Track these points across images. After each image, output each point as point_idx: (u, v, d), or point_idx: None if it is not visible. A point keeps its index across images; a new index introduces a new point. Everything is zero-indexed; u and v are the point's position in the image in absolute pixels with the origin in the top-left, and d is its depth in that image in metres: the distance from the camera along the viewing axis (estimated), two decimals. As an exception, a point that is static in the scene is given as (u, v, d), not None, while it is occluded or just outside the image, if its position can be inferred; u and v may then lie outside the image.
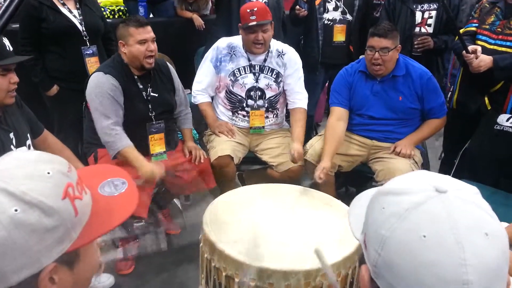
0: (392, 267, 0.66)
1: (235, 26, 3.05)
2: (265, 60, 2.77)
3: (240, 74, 2.77)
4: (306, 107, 2.84)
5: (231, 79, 2.77)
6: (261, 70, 2.78)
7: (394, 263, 0.66)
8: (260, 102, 2.81)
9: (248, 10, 2.64)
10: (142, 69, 2.42)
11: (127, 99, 2.38)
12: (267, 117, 2.85)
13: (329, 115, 2.77)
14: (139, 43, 2.33)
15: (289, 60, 2.80)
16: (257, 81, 2.78)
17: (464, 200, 0.67)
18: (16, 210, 0.63)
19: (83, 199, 0.72)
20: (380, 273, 0.69)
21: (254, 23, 2.60)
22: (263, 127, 2.84)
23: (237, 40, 2.79)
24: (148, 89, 2.47)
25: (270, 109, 2.85)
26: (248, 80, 2.77)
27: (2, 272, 0.62)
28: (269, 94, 2.81)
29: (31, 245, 0.63)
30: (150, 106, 2.47)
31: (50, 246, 0.65)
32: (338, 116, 2.71)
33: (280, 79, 2.81)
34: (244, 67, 2.77)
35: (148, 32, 2.35)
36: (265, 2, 3.26)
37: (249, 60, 2.76)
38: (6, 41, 1.81)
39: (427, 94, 2.62)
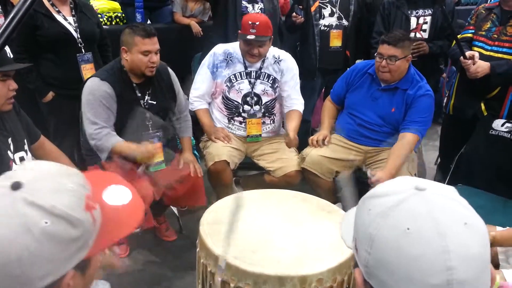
0: (382, 264, 0.70)
1: (231, 33, 3.06)
2: (261, 66, 2.77)
3: (236, 80, 2.77)
4: (302, 111, 2.85)
5: (227, 85, 2.77)
6: (258, 76, 2.78)
7: (383, 259, 0.70)
8: (256, 108, 2.81)
9: (250, 22, 2.61)
10: (142, 77, 2.39)
11: (123, 106, 2.35)
12: (264, 122, 2.85)
13: (325, 99, 2.99)
14: (143, 53, 2.29)
15: (286, 67, 2.81)
16: (253, 87, 2.78)
17: (442, 195, 0.72)
18: (46, 223, 0.68)
19: (97, 208, 0.78)
20: (371, 272, 0.72)
21: (253, 37, 2.59)
22: (260, 135, 2.84)
23: (233, 47, 2.79)
24: (146, 97, 2.45)
25: (266, 115, 2.85)
26: (244, 86, 2.77)
27: (30, 279, 0.67)
28: (265, 99, 2.81)
29: (58, 254, 0.69)
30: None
31: (72, 254, 0.71)
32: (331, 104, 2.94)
33: (276, 84, 2.81)
34: (240, 73, 2.77)
35: (153, 44, 2.31)
36: (261, 9, 3.27)
37: (245, 66, 2.76)
38: (7, 49, 1.81)
39: (413, 104, 2.57)
